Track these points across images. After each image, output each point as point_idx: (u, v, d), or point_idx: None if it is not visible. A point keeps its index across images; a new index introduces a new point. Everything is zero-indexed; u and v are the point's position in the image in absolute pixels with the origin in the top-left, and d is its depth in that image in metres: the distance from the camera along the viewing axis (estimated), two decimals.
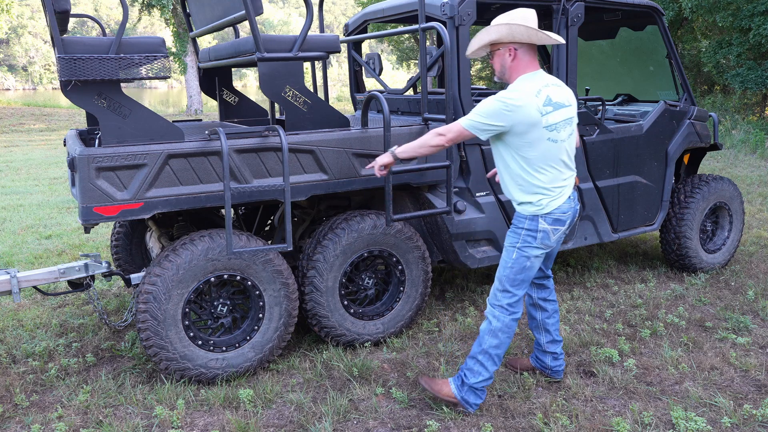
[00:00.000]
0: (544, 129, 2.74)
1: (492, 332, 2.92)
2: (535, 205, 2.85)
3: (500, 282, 2.94)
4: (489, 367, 2.94)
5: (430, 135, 2.88)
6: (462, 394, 2.96)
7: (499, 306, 2.93)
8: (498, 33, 2.76)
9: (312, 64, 5.37)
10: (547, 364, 3.25)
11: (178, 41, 23.51)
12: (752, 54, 13.32)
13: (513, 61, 2.81)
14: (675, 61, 4.71)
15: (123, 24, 2.83)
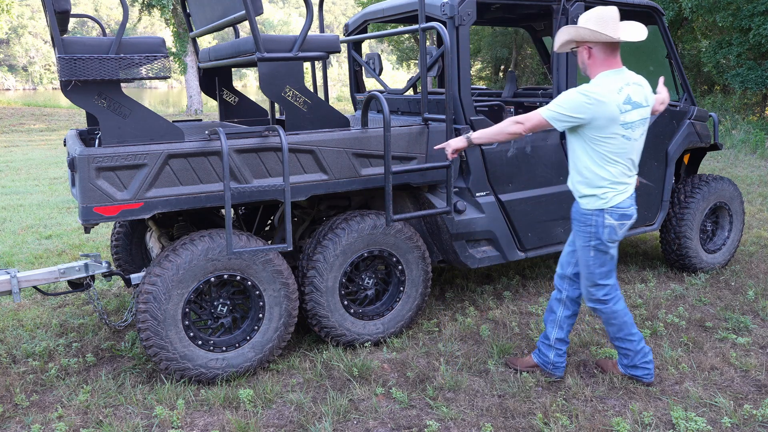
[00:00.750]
0: (620, 126, 2.85)
1: (606, 323, 3.14)
2: (600, 198, 2.94)
3: (588, 280, 3.08)
4: (628, 346, 3.15)
5: (507, 122, 2.99)
6: (628, 372, 3.23)
7: (596, 300, 3.11)
8: (569, 34, 2.90)
9: (312, 64, 5.37)
10: (550, 358, 3.28)
11: (178, 41, 23.51)
12: (752, 54, 13.32)
13: (590, 59, 2.94)
14: (675, 61, 4.71)
15: (123, 24, 2.83)
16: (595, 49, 2.90)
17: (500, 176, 3.94)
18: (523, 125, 2.95)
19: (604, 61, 2.91)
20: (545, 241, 4.20)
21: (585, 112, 2.82)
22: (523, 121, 2.95)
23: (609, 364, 3.32)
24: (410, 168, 3.40)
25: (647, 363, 3.17)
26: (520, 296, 4.51)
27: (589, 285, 3.10)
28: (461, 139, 3.16)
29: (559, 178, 4.18)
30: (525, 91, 5.33)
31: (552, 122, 2.89)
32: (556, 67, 4.08)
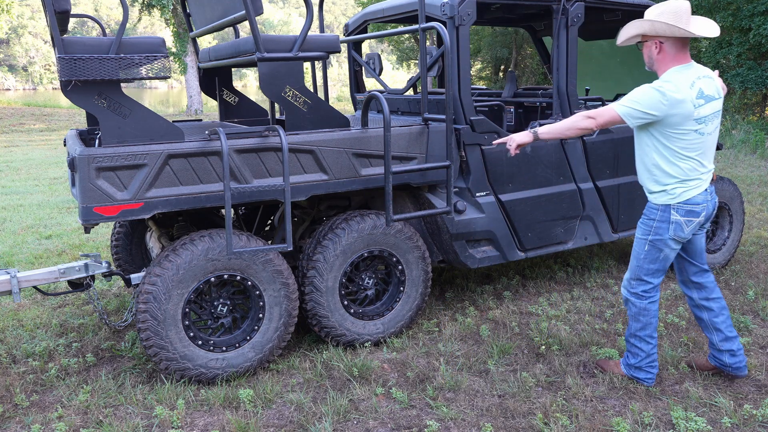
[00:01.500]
0: (694, 121, 2.81)
1: (633, 317, 3.12)
2: (669, 193, 2.92)
3: (633, 271, 3.08)
4: (643, 347, 3.13)
5: (578, 117, 2.94)
6: (630, 372, 3.20)
7: (634, 293, 3.10)
8: (641, 28, 2.85)
9: (312, 64, 5.37)
10: (726, 361, 3.17)
11: (178, 41, 23.51)
12: (752, 54, 13.32)
13: (659, 54, 2.90)
14: None
15: (123, 24, 2.83)
16: (667, 44, 2.85)
17: (500, 176, 3.94)
18: (595, 120, 2.89)
19: (674, 57, 2.87)
20: (545, 241, 4.20)
21: (659, 109, 2.77)
22: (595, 116, 2.90)
23: (610, 364, 3.31)
24: (410, 168, 3.40)
25: (653, 368, 3.17)
26: (520, 296, 4.51)
27: (632, 276, 3.09)
28: (527, 134, 3.10)
29: (559, 178, 4.18)
30: (525, 91, 5.33)
31: (626, 118, 2.84)
32: (556, 67, 4.08)
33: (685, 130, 2.82)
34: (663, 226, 2.95)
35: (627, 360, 3.21)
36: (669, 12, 2.81)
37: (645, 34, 2.90)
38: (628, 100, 2.84)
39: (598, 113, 2.90)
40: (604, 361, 3.35)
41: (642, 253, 3.03)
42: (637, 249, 3.06)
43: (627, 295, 3.14)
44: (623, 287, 3.17)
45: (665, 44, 2.86)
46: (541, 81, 21.93)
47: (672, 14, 2.80)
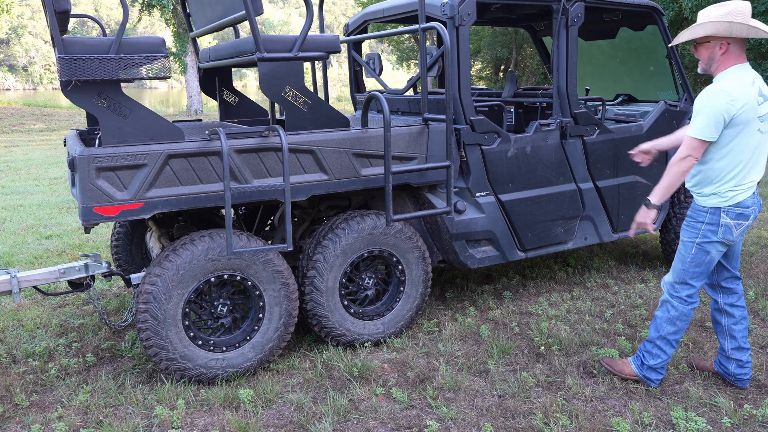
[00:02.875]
0: (757, 120, 2.79)
1: (670, 320, 3.06)
2: (721, 196, 2.87)
3: (678, 275, 3.03)
4: (667, 350, 3.11)
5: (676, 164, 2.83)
6: (643, 373, 3.17)
7: (678, 297, 3.05)
8: (716, 29, 2.78)
9: (312, 64, 5.37)
10: (731, 370, 3.16)
11: (178, 41, 23.51)
12: (752, 54, 13.33)
13: (723, 55, 2.85)
14: (675, 61, 4.71)
15: (123, 24, 2.83)
16: (733, 45, 2.82)
17: (500, 176, 3.95)
18: (691, 155, 2.80)
19: (737, 57, 2.85)
20: (545, 241, 4.20)
21: (730, 111, 2.73)
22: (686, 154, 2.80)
23: (618, 364, 3.26)
24: (410, 168, 3.39)
25: (664, 369, 3.16)
26: (520, 296, 4.51)
27: (677, 280, 3.04)
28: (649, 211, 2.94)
29: (559, 178, 4.18)
30: (525, 91, 5.33)
31: (708, 138, 2.77)
32: (556, 67, 4.07)
33: (751, 130, 2.78)
34: (712, 229, 2.89)
35: (644, 361, 3.15)
36: (739, 13, 2.78)
37: (714, 36, 2.82)
38: (699, 120, 2.77)
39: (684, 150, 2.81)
40: (611, 360, 3.32)
41: (689, 256, 2.98)
42: (683, 252, 3.00)
43: (669, 298, 3.07)
44: (666, 290, 3.09)
45: (732, 45, 2.83)
46: (541, 81, 21.93)
47: (742, 15, 2.78)
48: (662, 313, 3.09)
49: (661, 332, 3.09)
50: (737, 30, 2.77)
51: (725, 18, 2.78)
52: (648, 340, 3.16)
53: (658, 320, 3.11)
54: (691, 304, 3.03)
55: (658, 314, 3.11)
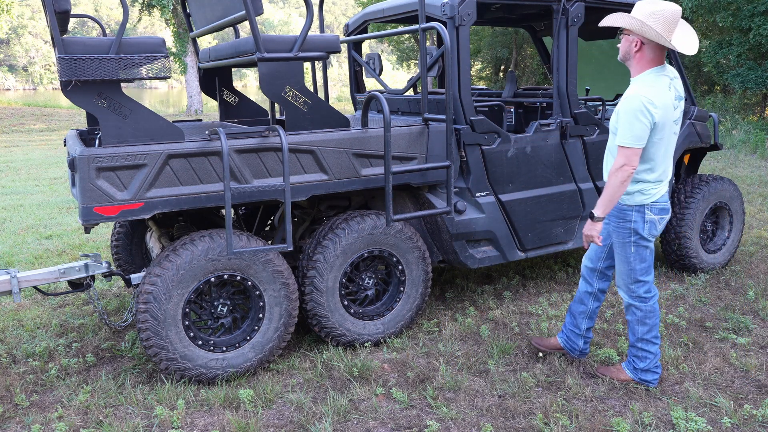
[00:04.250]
0: (672, 122, 2.88)
1: (640, 322, 3.12)
2: (645, 194, 2.96)
3: (628, 276, 3.08)
4: (651, 349, 3.14)
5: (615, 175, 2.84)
6: (638, 376, 3.18)
7: (638, 297, 3.11)
8: (630, 25, 2.81)
9: (312, 64, 5.38)
10: (579, 346, 3.40)
11: (178, 41, 23.51)
12: (752, 54, 13.32)
13: (637, 53, 2.88)
14: (675, 61, 4.71)
15: (123, 24, 2.83)
16: (648, 46, 2.85)
17: (500, 176, 3.94)
18: (628, 164, 2.83)
19: (653, 60, 2.87)
20: (545, 241, 4.20)
21: (653, 119, 2.80)
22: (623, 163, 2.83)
23: (612, 371, 3.27)
24: (410, 168, 3.39)
25: (658, 367, 3.18)
26: (520, 296, 4.51)
27: (630, 282, 3.09)
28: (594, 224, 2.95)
29: (559, 178, 4.18)
30: (525, 91, 5.33)
31: (640, 146, 2.82)
32: (556, 67, 4.07)
33: (668, 134, 2.88)
34: (639, 226, 2.99)
35: (635, 365, 3.19)
36: (662, 17, 2.78)
37: (629, 30, 2.88)
38: (624, 128, 2.82)
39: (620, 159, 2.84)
40: (605, 368, 3.32)
41: (630, 256, 3.05)
42: (623, 254, 3.06)
43: (630, 301, 3.13)
44: (625, 295, 3.15)
45: (646, 46, 2.86)
46: (541, 81, 21.93)
47: (663, 21, 2.78)
48: (631, 317, 3.16)
49: (638, 335, 3.14)
50: (647, 32, 2.79)
51: (644, 17, 2.80)
52: (631, 345, 3.20)
53: (630, 324, 3.17)
54: (652, 298, 3.09)
55: (629, 318, 3.17)
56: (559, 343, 3.46)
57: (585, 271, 3.34)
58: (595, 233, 2.96)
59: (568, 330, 3.42)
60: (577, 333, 3.38)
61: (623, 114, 2.83)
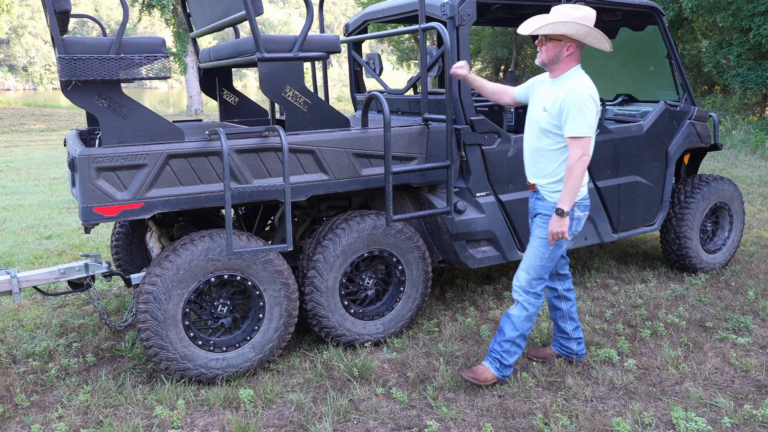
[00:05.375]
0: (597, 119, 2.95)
1: (529, 318, 3.13)
2: None
3: (536, 271, 3.08)
4: (522, 345, 3.19)
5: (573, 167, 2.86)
6: (502, 373, 3.19)
7: (534, 293, 3.11)
8: (576, 31, 2.86)
9: (312, 64, 5.38)
10: (573, 349, 3.41)
11: (178, 41, 23.51)
12: (752, 54, 13.32)
13: (568, 56, 2.96)
14: (675, 61, 4.71)
15: (123, 24, 2.83)
16: (579, 49, 2.95)
17: (500, 176, 3.94)
18: (585, 155, 2.86)
19: (577, 59, 2.98)
20: None
21: (597, 108, 2.89)
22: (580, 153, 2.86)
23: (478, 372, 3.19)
24: (410, 168, 3.39)
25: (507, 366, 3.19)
26: None
27: (534, 277, 3.09)
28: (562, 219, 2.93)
29: None
30: None
31: (592, 134, 2.88)
32: None
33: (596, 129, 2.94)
34: (570, 224, 3.00)
35: (503, 361, 3.15)
36: (591, 20, 2.88)
37: (572, 37, 2.90)
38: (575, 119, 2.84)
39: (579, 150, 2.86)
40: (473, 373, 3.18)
41: (547, 252, 3.05)
42: (541, 249, 3.06)
43: (525, 298, 3.10)
44: (521, 292, 3.10)
45: (577, 49, 2.95)
46: None
47: (593, 23, 2.88)
48: (519, 312, 3.12)
49: (521, 330, 3.13)
50: (592, 36, 2.89)
51: (583, 21, 2.86)
52: (504, 340, 3.14)
53: (515, 319, 3.12)
54: (542, 297, 3.13)
55: (515, 314, 3.13)
56: (555, 351, 3.48)
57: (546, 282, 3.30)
58: (565, 229, 2.94)
59: (557, 337, 3.45)
60: (566, 337, 3.40)
61: (572, 106, 2.85)
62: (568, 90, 2.88)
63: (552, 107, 2.94)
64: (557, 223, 2.94)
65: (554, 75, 3.02)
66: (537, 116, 3.05)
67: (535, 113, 3.08)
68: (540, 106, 3.04)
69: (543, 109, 3.00)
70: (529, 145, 3.13)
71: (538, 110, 3.05)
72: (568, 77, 2.95)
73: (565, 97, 2.88)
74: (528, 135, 3.14)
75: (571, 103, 2.85)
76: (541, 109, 3.02)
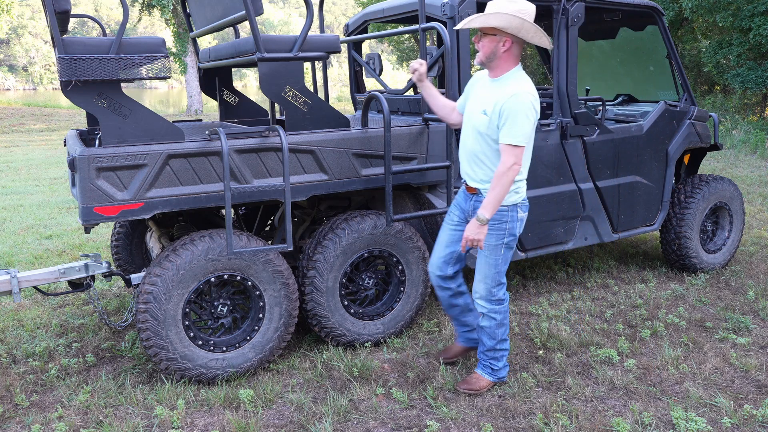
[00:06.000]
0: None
1: (500, 324, 3.09)
2: (517, 192, 2.95)
3: (491, 279, 3.02)
4: (506, 346, 3.16)
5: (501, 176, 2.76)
6: (497, 376, 3.18)
7: (497, 300, 3.06)
8: (509, 22, 2.73)
9: (312, 64, 5.38)
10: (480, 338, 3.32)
11: (178, 41, 23.52)
12: (752, 54, 13.32)
13: (505, 52, 2.83)
14: (675, 61, 4.71)
15: (123, 24, 2.83)
16: (516, 44, 2.82)
17: None
18: (516, 164, 2.77)
19: (516, 57, 2.85)
20: (545, 241, 4.20)
21: (536, 115, 2.80)
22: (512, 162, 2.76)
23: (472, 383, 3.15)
24: (410, 168, 3.39)
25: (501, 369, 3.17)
26: (520, 296, 4.51)
27: (493, 285, 3.02)
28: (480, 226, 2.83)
29: (559, 178, 4.18)
30: None
31: (527, 141, 2.78)
32: (556, 67, 4.07)
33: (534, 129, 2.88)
34: (514, 225, 2.96)
35: (493, 367, 3.15)
36: (528, 14, 2.75)
37: (503, 29, 2.75)
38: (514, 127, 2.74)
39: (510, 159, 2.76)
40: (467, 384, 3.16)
41: (499, 258, 2.98)
42: (493, 257, 2.97)
43: (490, 307, 3.05)
44: (485, 303, 3.05)
45: (514, 45, 2.81)
46: (541, 81, 21.93)
47: (530, 16, 2.75)
48: (488, 322, 3.08)
49: (498, 337, 3.11)
50: (526, 29, 2.75)
51: (518, 14, 2.73)
52: (487, 350, 3.14)
53: (488, 330, 3.09)
54: (506, 299, 3.08)
55: (486, 325, 3.09)
56: (463, 345, 3.41)
57: (437, 281, 3.25)
58: (482, 236, 2.83)
59: (461, 333, 3.40)
60: (469, 329, 3.37)
61: (512, 112, 2.73)
62: (510, 94, 2.75)
63: (492, 111, 2.81)
64: (476, 230, 2.82)
65: (494, 74, 2.89)
66: (476, 119, 2.91)
67: (473, 115, 2.93)
68: (478, 108, 2.90)
69: (482, 113, 2.86)
70: (467, 148, 2.99)
71: (477, 113, 2.90)
72: (510, 79, 2.83)
73: (506, 101, 2.75)
74: (466, 136, 3.00)
75: (511, 109, 2.73)
76: (480, 112, 2.88)
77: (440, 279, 3.25)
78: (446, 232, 3.19)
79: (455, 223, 3.16)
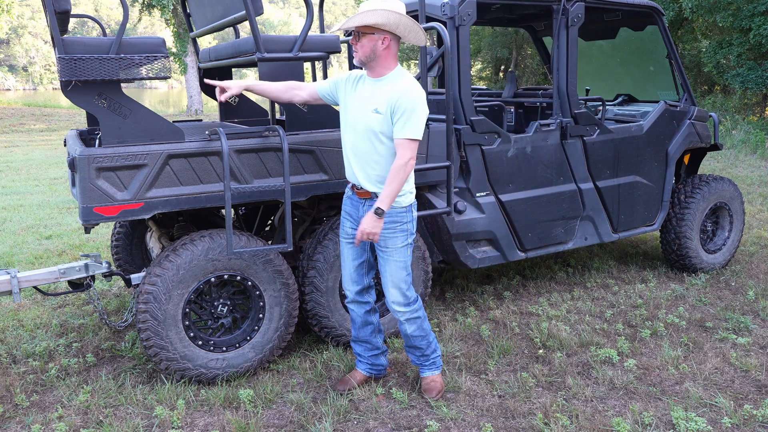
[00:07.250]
0: None
1: (424, 319, 3.09)
2: (410, 192, 2.95)
3: (404, 283, 2.98)
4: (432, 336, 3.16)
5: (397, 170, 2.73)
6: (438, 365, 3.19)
7: (412, 301, 3.03)
8: (386, 18, 2.68)
9: (312, 64, 5.37)
10: (384, 363, 3.29)
11: (178, 41, 23.51)
12: (752, 54, 13.32)
13: (385, 50, 2.78)
14: (675, 61, 4.71)
15: (123, 24, 2.83)
16: (395, 42, 2.78)
17: (500, 176, 3.94)
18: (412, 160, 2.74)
19: (395, 55, 2.82)
20: (545, 241, 4.20)
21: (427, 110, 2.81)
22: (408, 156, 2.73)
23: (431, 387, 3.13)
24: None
25: (439, 356, 3.19)
26: (520, 296, 4.51)
27: (406, 287, 2.98)
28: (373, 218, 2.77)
29: (559, 179, 4.18)
30: (525, 91, 5.33)
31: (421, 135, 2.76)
32: (556, 67, 4.07)
33: None
34: (412, 225, 2.96)
35: (434, 362, 3.15)
36: (402, 9, 2.72)
37: (381, 26, 2.71)
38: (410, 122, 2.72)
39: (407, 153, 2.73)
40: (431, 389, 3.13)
41: (407, 259, 2.96)
42: (400, 259, 2.94)
43: (409, 309, 3.00)
44: (402, 307, 2.99)
45: (392, 42, 2.78)
46: (541, 81, 21.93)
47: (404, 12, 2.73)
48: (414, 324, 3.04)
49: (426, 333, 3.09)
50: (404, 24, 2.71)
51: (393, 9, 2.69)
52: (423, 354, 3.12)
53: (415, 333, 3.06)
54: (418, 297, 3.06)
55: (413, 328, 3.05)
56: (364, 374, 3.26)
57: (355, 297, 3.13)
58: (379, 230, 2.78)
59: (366, 358, 3.25)
60: (377, 353, 3.24)
61: (409, 107, 2.70)
62: (402, 90, 2.71)
63: (386, 109, 2.75)
64: (374, 223, 2.76)
65: (376, 74, 2.83)
66: (366, 118, 2.81)
67: (361, 115, 2.83)
68: (368, 107, 2.81)
69: (374, 111, 2.78)
70: (355, 149, 2.89)
71: (366, 112, 2.81)
72: (397, 77, 2.79)
73: (401, 97, 2.70)
74: (351, 137, 2.90)
75: (408, 103, 2.70)
76: (371, 111, 2.79)
77: (358, 294, 3.13)
78: (347, 247, 3.08)
79: (351, 235, 3.06)
